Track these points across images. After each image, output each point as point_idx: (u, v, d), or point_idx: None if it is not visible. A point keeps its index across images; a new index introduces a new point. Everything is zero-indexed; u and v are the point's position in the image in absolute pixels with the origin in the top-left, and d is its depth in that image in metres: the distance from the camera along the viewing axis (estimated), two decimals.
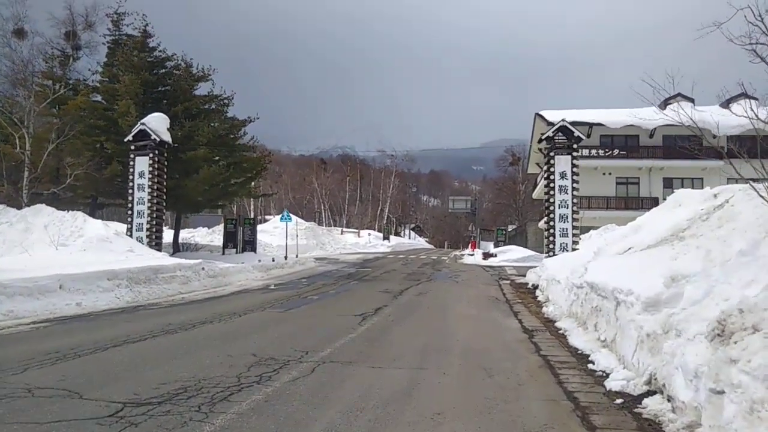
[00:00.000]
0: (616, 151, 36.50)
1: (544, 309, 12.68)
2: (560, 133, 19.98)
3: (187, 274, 16.31)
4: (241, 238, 28.93)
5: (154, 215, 21.53)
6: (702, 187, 32.80)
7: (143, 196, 21.47)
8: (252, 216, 68.93)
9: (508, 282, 20.01)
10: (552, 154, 19.92)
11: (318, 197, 79.68)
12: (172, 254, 29.39)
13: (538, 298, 15.20)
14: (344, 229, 61.39)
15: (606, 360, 6.65)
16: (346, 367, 6.32)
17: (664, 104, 38.14)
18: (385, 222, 75.80)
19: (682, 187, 37.62)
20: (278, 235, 48.53)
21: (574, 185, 19.91)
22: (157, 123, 21.65)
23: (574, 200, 19.92)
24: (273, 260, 23.27)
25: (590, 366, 6.63)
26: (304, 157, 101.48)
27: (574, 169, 19.89)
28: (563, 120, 19.88)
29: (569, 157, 19.86)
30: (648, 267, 7.23)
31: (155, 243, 21.50)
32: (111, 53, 26.70)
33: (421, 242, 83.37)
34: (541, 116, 36.88)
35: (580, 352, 7.57)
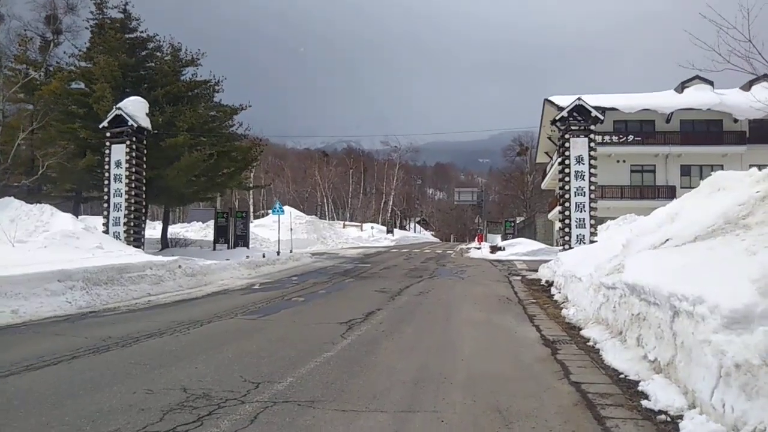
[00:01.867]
0: (630, 138, 34.49)
1: (564, 312, 10.88)
2: (575, 114, 18.09)
3: (160, 273, 14.57)
4: (232, 233, 27.18)
5: (133, 208, 19.78)
6: None
7: (120, 188, 19.73)
8: (252, 209, 67.35)
9: (519, 278, 18.22)
10: (567, 136, 18.02)
11: (321, 190, 77.97)
12: (160, 250, 27.79)
13: (555, 298, 13.42)
14: (347, 223, 59.61)
15: (666, 394, 4.83)
16: (304, 412, 4.50)
17: (682, 87, 36.33)
18: (389, 215, 73.99)
19: (701, 175, 35.56)
20: (277, 229, 47.05)
21: (592, 171, 18.03)
22: (135, 107, 19.90)
23: (592, 187, 18.04)
24: (263, 256, 21.51)
25: (645, 403, 4.81)
26: (309, 151, 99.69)
27: (592, 153, 17.99)
28: (579, 98, 17.97)
29: (586, 139, 17.97)
30: (715, 265, 5.41)
31: (134, 238, 19.76)
32: (94, 38, 24.94)
33: (426, 236, 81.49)
34: (551, 102, 34.97)
35: (623, 376, 5.76)
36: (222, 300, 12.61)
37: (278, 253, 24.17)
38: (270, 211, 60.46)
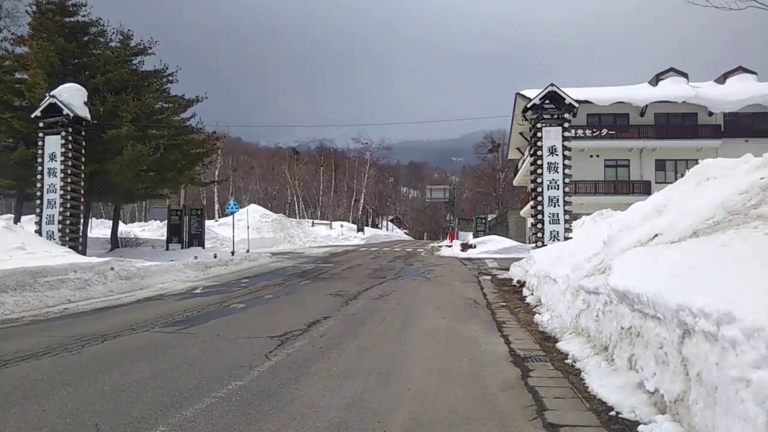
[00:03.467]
0: (604, 131, 33.48)
1: (538, 318, 9.56)
2: (548, 101, 16.80)
3: (87, 276, 12.93)
4: (187, 231, 25.48)
5: (69, 205, 18.00)
6: None
7: (55, 183, 17.93)
8: (218, 208, 65.26)
9: (489, 278, 16.92)
10: (539, 125, 16.70)
11: (291, 189, 76.12)
12: (110, 251, 25.96)
13: (527, 300, 12.13)
14: (315, 221, 57.93)
15: None
16: None
17: (656, 80, 35.40)
18: (360, 213, 72.47)
19: (676, 169, 34.78)
20: (242, 228, 45.15)
21: (566, 162, 16.76)
22: (71, 95, 18.13)
23: (566, 180, 16.77)
24: (215, 256, 19.88)
25: None
26: (280, 149, 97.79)
27: (566, 143, 16.72)
28: (552, 84, 16.67)
29: (559, 129, 16.68)
30: (737, 267, 4.06)
31: (70, 238, 17.99)
32: (33, 22, 22.98)
33: (399, 234, 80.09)
34: (523, 95, 33.76)
35: (615, 413, 4.39)
36: (151, 307, 11.04)
37: (233, 253, 22.53)
38: (225, 209, 58.71)
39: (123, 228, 32.26)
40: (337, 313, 10.01)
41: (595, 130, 33.25)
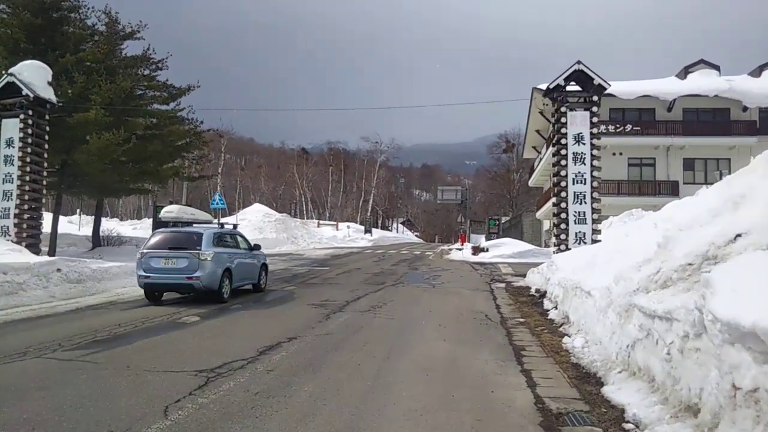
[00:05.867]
0: (628, 127, 30.85)
1: (567, 342, 7.33)
2: (574, 81, 14.47)
3: (20, 279, 10.86)
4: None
5: (27, 197, 15.88)
6: (729, 169, 27.19)
7: (12, 172, 15.83)
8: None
9: (503, 286, 14.67)
10: (563, 110, 14.35)
11: (299, 189, 74.10)
12: (90, 249, 23.93)
13: (550, 315, 9.89)
14: (321, 222, 55.79)
15: None
16: None
17: (685, 73, 32.72)
18: (368, 214, 70.25)
19: (706, 169, 32.16)
20: (243, 228, 42.91)
21: (594, 152, 14.41)
22: (33, 74, 16.04)
23: (595, 173, 14.42)
24: None
25: None
26: (286, 149, 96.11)
27: (594, 131, 14.37)
28: (579, 62, 14.35)
29: (587, 114, 14.33)
30: None
31: (29, 235, 15.88)
32: None
33: (409, 236, 77.77)
34: (540, 89, 31.37)
35: None
36: (83, 319, 8.90)
37: None
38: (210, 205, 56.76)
39: (105, 225, 30.22)
40: (309, 331, 7.80)
41: (618, 125, 30.65)
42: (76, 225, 35.00)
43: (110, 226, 32.50)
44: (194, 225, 13.12)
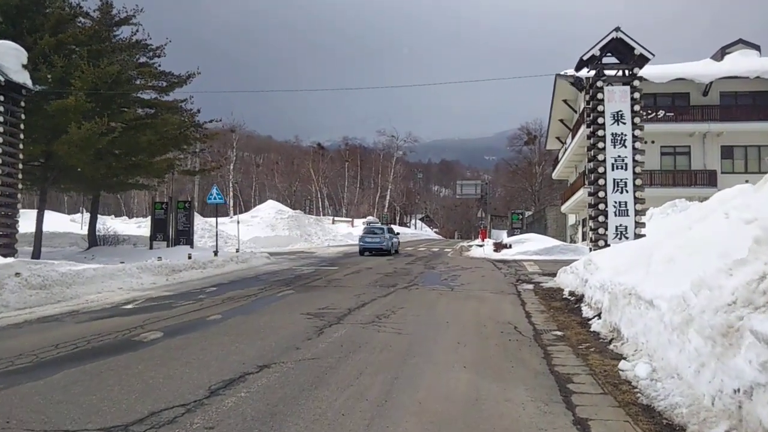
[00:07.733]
0: (660, 113, 28.65)
1: (626, 368, 5.54)
2: (610, 53, 12.55)
3: None
4: (173, 228, 21.81)
5: None
6: None
7: None
8: (233, 204, 62.06)
9: (531, 287, 12.85)
10: (600, 84, 12.43)
11: (315, 185, 72.58)
12: (86, 249, 22.49)
13: (593, 327, 8.05)
14: (336, 219, 54.16)
15: None
16: None
17: (721, 54, 30.26)
18: (386, 210, 68.45)
19: (746, 157, 29.84)
20: (255, 225, 41.54)
21: (636, 133, 12.45)
22: (4, 56, 14.49)
23: (637, 157, 12.46)
24: (189, 257, 16.11)
25: None
26: (300, 145, 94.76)
27: (635, 108, 12.42)
28: (618, 29, 12.42)
29: (627, 88, 12.39)
30: None
31: (4, 234, 14.37)
32: None
33: (428, 232, 75.88)
34: (564, 76, 29.37)
35: None
36: (20, 336, 7.27)
37: (215, 253, 18.71)
38: (207, 199, 55.21)
39: (109, 223, 28.82)
40: (290, 354, 6.08)
41: (650, 111, 28.42)
42: (78, 224, 33.73)
43: (114, 224, 31.18)
44: (371, 224, 31.15)
